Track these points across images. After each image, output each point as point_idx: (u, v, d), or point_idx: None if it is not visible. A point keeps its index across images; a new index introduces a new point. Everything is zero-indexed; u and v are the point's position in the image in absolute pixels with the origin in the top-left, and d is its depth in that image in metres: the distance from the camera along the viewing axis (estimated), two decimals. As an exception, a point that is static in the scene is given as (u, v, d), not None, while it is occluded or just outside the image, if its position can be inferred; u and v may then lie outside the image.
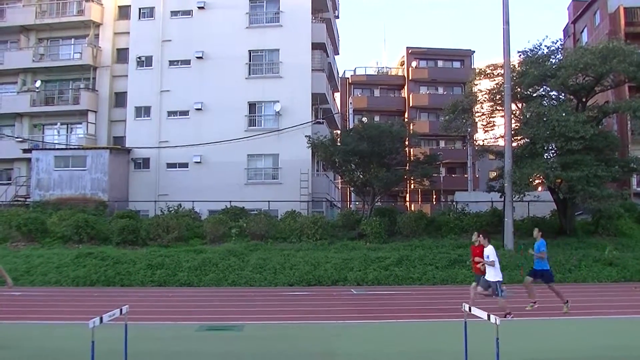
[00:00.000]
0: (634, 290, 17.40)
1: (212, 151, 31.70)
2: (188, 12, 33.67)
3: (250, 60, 32.85)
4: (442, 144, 54.17)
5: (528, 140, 24.49)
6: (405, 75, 56.13)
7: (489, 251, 12.39)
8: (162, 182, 32.26)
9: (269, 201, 28.54)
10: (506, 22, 23.72)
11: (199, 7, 33.25)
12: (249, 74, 32.74)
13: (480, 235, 13.04)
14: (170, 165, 32.59)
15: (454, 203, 32.44)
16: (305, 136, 28.90)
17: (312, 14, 33.24)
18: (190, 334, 10.88)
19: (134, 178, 32.86)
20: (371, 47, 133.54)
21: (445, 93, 52.57)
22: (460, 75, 50.64)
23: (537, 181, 26.33)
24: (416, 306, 15.00)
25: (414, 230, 25.43)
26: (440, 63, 56.77)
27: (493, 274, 12.22)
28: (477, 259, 13.01)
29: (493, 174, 30.04)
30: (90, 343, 6.64)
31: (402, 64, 58.18)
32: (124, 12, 36.09)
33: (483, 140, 30.46)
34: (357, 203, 38.14)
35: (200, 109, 32.38)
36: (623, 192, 25.49)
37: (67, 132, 36.33)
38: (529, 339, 10.14)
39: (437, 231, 25.90)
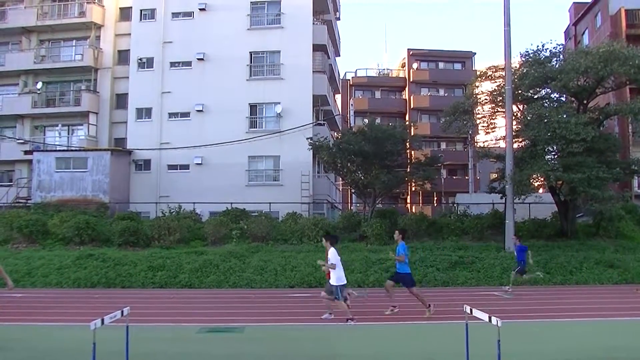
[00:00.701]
0: (636, 292, 17.38)
1: (213, 153, 31.72)
2: (189, 14, 33.73)
3: (251, 62, 32.89)
4: (443, 145, 54.19)
5: (529, 142, 24.49)
6: (406, 77, 56.15)
7: (331, 254, 12.21)
8: (163, 184, 32.29)
9: (270, 203, 28.54)
10: (507, 24, 23.72)
11: (200, 9, 33.32)
12: (250, 76, 32.77)
13: (324, 238, 12.82)
14: (171, 167, 32.63)
15: (455, 205, 32.44)
16: (307, 138, 28.91)
17: (313, 15, 33.28)
18: (191, 336, 10.87)
19: (135, 180, 32.88)
20: (372, 48, 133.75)
21: (446, 95, 52.58)
22: (461, 77, 50.70)
23: (538, 183, 26.33)
24: (417, 308, 14.98)
25: (415, 232, 25.40)
26: (441, 65, 56.78)
27: (335, 278, 12.10)
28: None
29: (494, 176, 30.04)
30: (92, 344, 6.64)
31: (403, 66, 58.21)
32: (125, 13, 36.16)
33: (484, 142, 30.49)
34: (358, 205, 38.12)
35: (201, 111, 32.42)
36: (624, 194, 25.48)
37: (68, 134, 36.39)
38: (530, 341, 10.12)
39: (438, 233, 25.89)
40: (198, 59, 32.88)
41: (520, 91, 25.02)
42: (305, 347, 9.96)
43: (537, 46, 24.89)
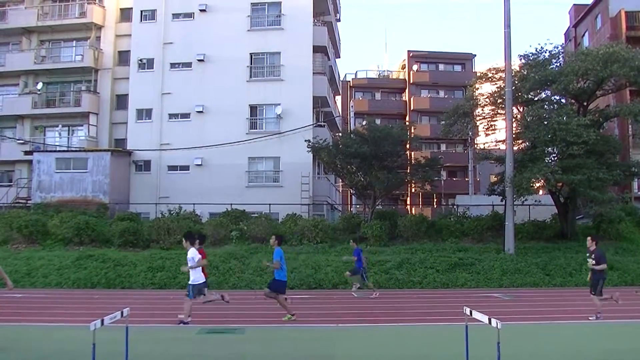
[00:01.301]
0: (636, 294, 17.38)
1: (213, 154, 31.73)
2: (190, 15, 33.74)
3: (251, 63, 32.91)
4: (443, 147, 54.17)
5: (529, 144, 24.49)
6: (407, 78, 56.15)
7: (191, 254, 12.07)
8: (163, 185, 32.30)
9: (269, 204, 28.52)
10: (507, 26, 23.72)
11: (200, 10, 33.34)
12: (251, 77, 32.79)
13: (184, 238, 12.66)
14: (172, 168, 32.64)
15: (455, 206, 32.43)
16: (305, 141, 28.89)
17: (313, 17, 33.31)
18: (191, 337, 10.87)
19: (135, 180, 32.88)
20: (372, 50, 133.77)
21: (446, 96, 52.55)
22: (462, 79, 50.67)
23: (538, 184, 26.33)
24: (417, 310, 14.99)
25: (414, 233, 25.42)
26: (441, 66, 56.80)
27: (192, 278, 12.03)
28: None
29: (494, 178, 30.05)
30: (91, 345, 6.64)
31: (403, 68, 58.23)
32: (125, 14, 36.17)
33: (484, 144, 30.46)
34: (358, 206, 38.12)
35: (201, 112, 32.44)
36: (624, 196, 25.47)
37: (69, 134, 36.41)
38: (530, 343, 10.12)
39: (438, 234, 25.89)
40: (198, 60, 32.90)
41: (520, 93, 25.03)
42: (305, 348, 9.96)
43: (536, 48, 24.95)
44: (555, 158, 24.32)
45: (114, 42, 36.38)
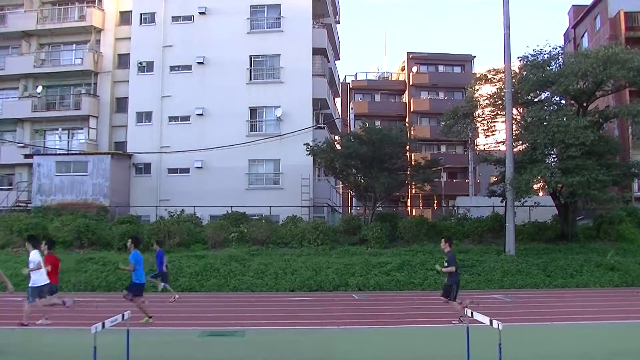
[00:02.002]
0: (636, 295, 17.37)
1: (213, 156, 31.72)
2: (189, 18, 33.75)
3: (251, 66, 32.91)
4: (443, 148, 54.14)
5: (528, 145, 24.49)
6: (406, 80, 56.16)
7: (32, 257, 12.21)
8: (163, 188, 32.28)
9: (270, 206, 28.54)
10: (507, 27, 23.75)
11: (200, 13, 33.34)
12: (250, 79, 32.79)
13: (27, 241, 12.94)
14: (172, 171, 32.61)
15: (455, 208, 32.43)
16: (304, 144, 28.82)
17: (313, 19, 33.31)
18: (192, 340, 10.86)
19: (135, 183, 32.87)
20: (372, 52, 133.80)
21: (446, 98, 52.52)
22: (461, 80, 50.64)
23: (538, 186, 26.32)
24: (418, 311, 14.98)
25: (415, 235, 25.42)
26: (441, 68, 56.81)
27: (32, 280, 12.13)
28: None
29: (494, 179, 30.05)
30: (92, 349, 6.64)
31: (402, 69, 58.24)
32: (125, 17, 36.16)
33: (484, 145, 30.46)
34: (358, 208, 38.09)
35: (201, 114, 32.43)
36: (624, 196, 25.45)
37: (69, 138, 36.38)
38: (531, 344, 10.11)
39: (439, 236, 25.64)
40: (198, 62, 32.90)
41: (520, 94, 25.03)
42: (305, 351, 9.96)
43: (534, 49, 24.96)
44: (555, 159, 24.31)
45: (113, 45, 36.36)
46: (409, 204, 50.10)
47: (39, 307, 12.44)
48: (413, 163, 32.01)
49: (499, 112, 26.27)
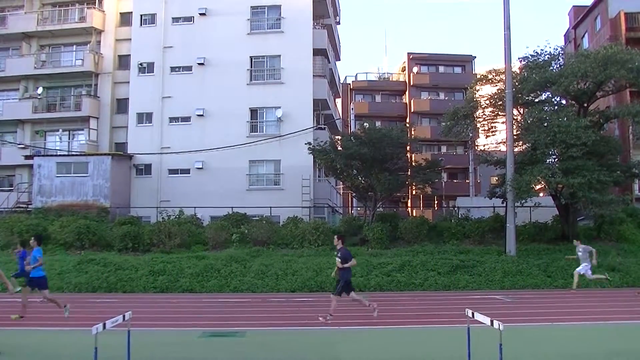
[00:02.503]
0: (637, 295, 17.35)
1: (213, 157, 31.75)
2: (189, 19, 33.79)
3: (251, 67, 32.94)
4: (443, 149, 54.15)
5: (529, 146, 24.48)
6: (407, 80, 56.19)
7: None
8: (163, 188, 32.31)
9: (270, 207, 28.55)
10: (507, 28, 23.74)
11: (200, 14, 33.39)
12: (251, 80, 32.81)
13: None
14: (172, 171, 32.63)
15: (456, 208, 32.42)
16: (306, 144, 28.87)
17: (313, 20, 33.35)
18: (192, 340, 10.86)
19: (136, 184, 32.90)
20: (372, 52, 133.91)
21: (446, 98, 52.53)
22: (462, 81, 50.69)
23: (538, 186, 26.31)
24: (418, 312, 14.97)
25: (416, 236, 25.43)
26: (441, 68, 56.84)
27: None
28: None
29: (495, 180, 30.06)
30: (93, 349, 6.64)
31: (403, 70, 58.27)
32: (125, 18, 36.22)
33: (484, 145, 30.45)
34: (359, 209, 38.11)
35: (202, 115, 32.46)
36: (625, 197, 25.46)
37: (69, 139, 36.44)
38: (532, 345, 10.10)
39: (439, 237, 25.89)
40: (198, 63, 32.93)
41: (520, 95, 25.03)
42: (307, 352, 9.95)
43: (535, 50, 24.95)
44: (556, 160, 24.30)
45: (114, 46, 36.42)
46: (409, 204, 50.09)
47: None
48: (414, 164, 32.02)
49: (499, 112, 26.28)
